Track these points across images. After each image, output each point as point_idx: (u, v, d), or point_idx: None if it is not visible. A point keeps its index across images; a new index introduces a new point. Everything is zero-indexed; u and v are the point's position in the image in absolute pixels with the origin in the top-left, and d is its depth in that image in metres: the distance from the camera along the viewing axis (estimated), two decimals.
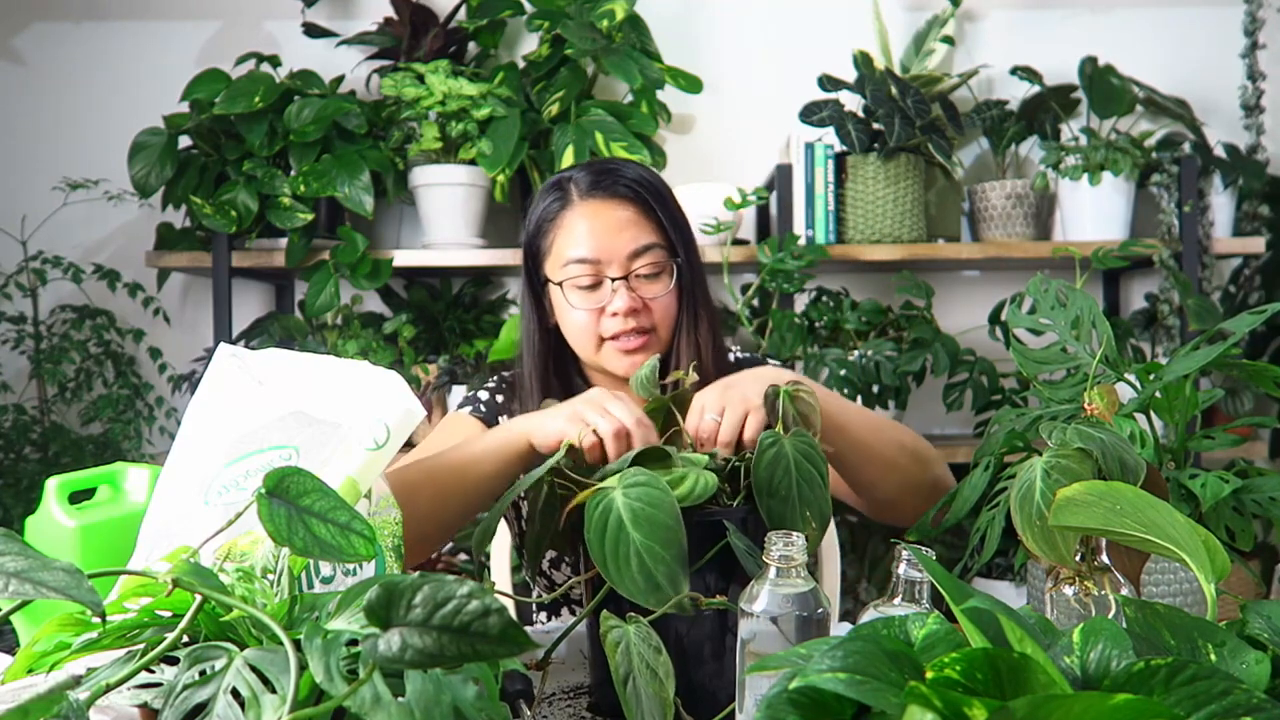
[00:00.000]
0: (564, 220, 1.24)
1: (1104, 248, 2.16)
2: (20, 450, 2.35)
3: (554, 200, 1.26)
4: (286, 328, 2.40)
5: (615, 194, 1.23)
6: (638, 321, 1.22)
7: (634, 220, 1.23)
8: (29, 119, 2.62)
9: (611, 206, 1.23)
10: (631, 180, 1.25)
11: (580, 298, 1.23)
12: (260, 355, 0.88)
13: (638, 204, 1.24)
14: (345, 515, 0.65)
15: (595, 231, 1.22)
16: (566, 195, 1.25)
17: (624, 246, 1.22)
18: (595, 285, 1.23)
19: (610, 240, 1.22)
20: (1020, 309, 1.16)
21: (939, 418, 2.56)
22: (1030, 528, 0.77)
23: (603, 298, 1.23)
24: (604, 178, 1.25)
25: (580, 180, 1.25)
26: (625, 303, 1.21)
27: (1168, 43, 2.63)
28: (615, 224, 1.22)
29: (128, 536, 0.85)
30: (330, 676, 0.52)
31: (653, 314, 1.24)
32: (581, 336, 1.25)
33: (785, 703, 0.49)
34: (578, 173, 1.27)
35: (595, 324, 1.23)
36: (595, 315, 1.23)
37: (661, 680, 0.76)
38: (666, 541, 0.76)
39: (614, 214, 1.23)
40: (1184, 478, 0.95)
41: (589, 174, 1.26)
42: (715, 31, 2.64)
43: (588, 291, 1.23)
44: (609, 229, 1.22)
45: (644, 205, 1.24)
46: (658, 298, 1.24)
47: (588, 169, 1.27)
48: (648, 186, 1.25)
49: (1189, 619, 0.60)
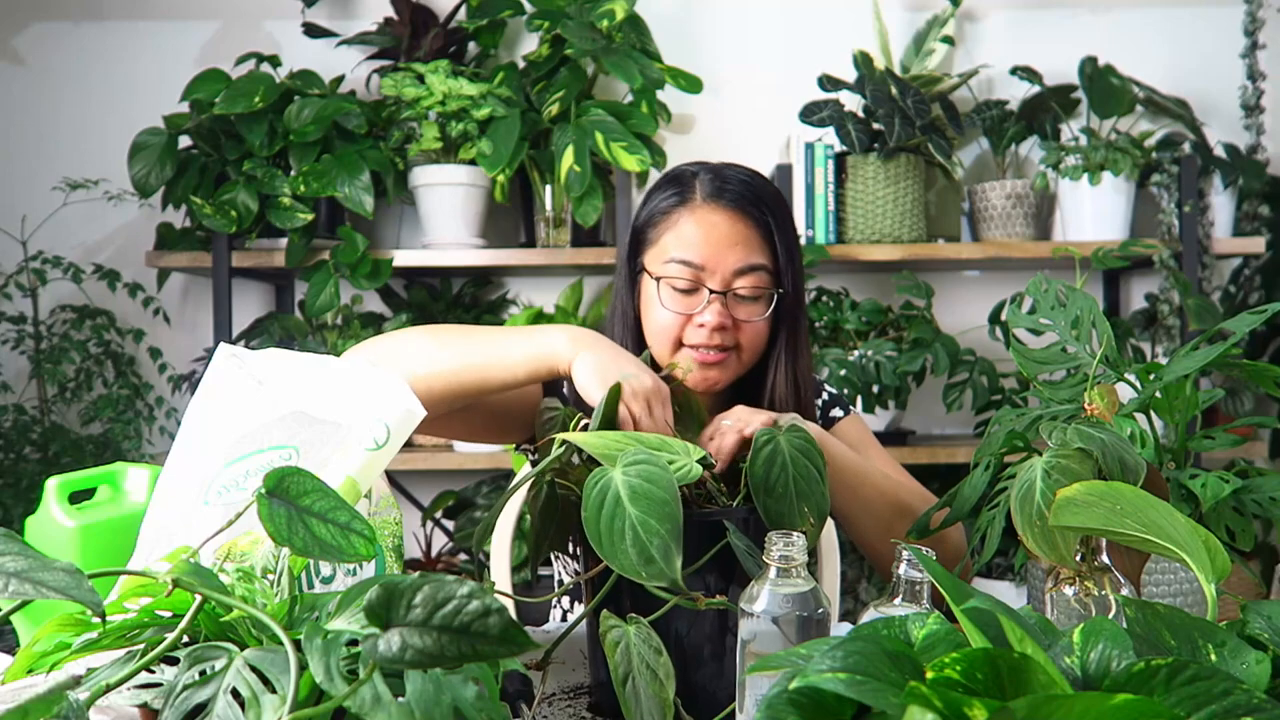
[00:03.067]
0: (677, 217, 1.21)
1: (1104, 248, 2.16)
2: (20, 450, 2.35)
3: (673, 194, 1.22)
4: (286, 328, 2.40)
5: (738, 207, 1.20)
6: (722, 339, 1.19)
7: (748, 238, 1.19)
8: (29, 119, 2.62)
9: (730, 218, 1.19)
10: (755, 197, 1.21)
11: (673, 299, 1.20)
12: (260, 355, 0.88)
13: (757, 223, 1.20)
14: (345, 515, 0.65)
15: (709, 239, 1.18)
16: (688, 192, 1.22)
17: (732, 261, 1.18)
18: (691, 291, 1.19)
19: (719, 252, 1.18)
20: (1020, 309, 1.16)
21: (939, 418, 2.56)
22: (1030, 528, 0.77)
23: (695, 305, 1.19)
24: (730, 186, 1.21)
25: (705, 182, 1.22)
26: (716, 318, 1.18)
27: (1168, 43, 2.63)
28: (729, 237, 1.19)
29: (128, 536, 0.86)
30: (330, 676, 0.52)
31: (739, 334, 1.21)
32: (661, 335, 1.22)
33: (785, 703, 0.49)
34: (703, 172, 1.23)
35: (679, 328, 1.20)
36: (682, 320, 1.20)
37: (661, 681, 0.76)
38: (662, 516, 0.76)
39: (731, 226, 1.19)
40: (1184, 478, 0.95)
41: (715, 178, 1.22)
42: (715, 31, 2.64)
43: (683, 295, 1.20)
44: (723, 240, 1.18)
45: (763, 226, 1.20)
46: (750, 320, 1.20)
47: (714, 171, 1.23)
48: (771, 207, 1.21)
49: (1189, 619, 0.60)
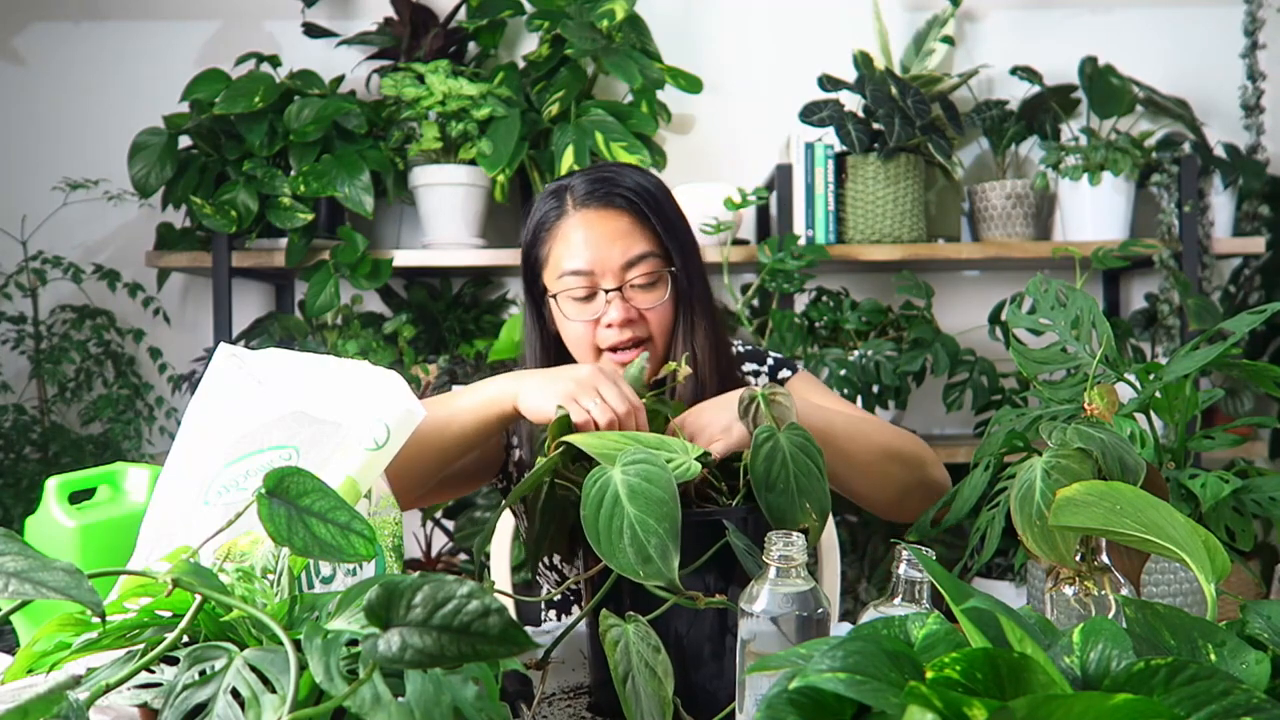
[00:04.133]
0: (560, 230, 1.24)
1: (1104, 248, 2.16)
2: (20, 450, 2.35)
3: (551, 209, 1.25)
4: (286, 328, 2.40)
5: (610, 204, 1.22)
6: (634, 332, 1.22)
7: (628, 230, 1.22)
8: (29, 119, 2.62)
9: (606, 216, 1.22)
10: (627, 189, 1.23)
11: (576, 309, 1.23)
12: (260, 355, 0.88)
13: (632, 213, 1.23)
14: (345, 515, 0.65)
15: (589, 242, 1.21)
16: (563, 204, 1.25)
17: (617, 257, 1.21)
18: (590, 296, 1.22)
19: (604, 251, 1.21)
20: (1020, 309, 1.16)
21: (939, 418, 2.56)
22: (1030, 528, 0.77)
23: (597, 309, 1.22)
24: (599, 186, 1.23)
25: (577, 188, 1.24)
26: (619, 314, 1.20)
27: (1168, 43, 2.62)
28: (609, 234, 1.21)
29: (128, 536, 0.85)
30: (330, 676, 0.52)
31: (649, 323, 1.23)
32: (579, 347, 1.25)
33: (785, 703, 0.49)
34: (575, 180, 1.26)
35: (592, 335, 1.23)
36: (591, 326, 1.23)
37: (661, 679, 0.76)
38: (660, 515, 0.76)
39: (608, 224, 1.22)
40: (1184, 478, 0.95)
41: (585, 183, 1.24)
42: (715, 31, 2.64)
43: (583, 303, 1.23)
44: (602, 240, 1.21)
45: (639, 214, 1.23)
46: (653, 307, 1.23)
47: (585, 177, 1.26)
48: (643, 194, 1.24)
49: (1189, 619, 0.60)
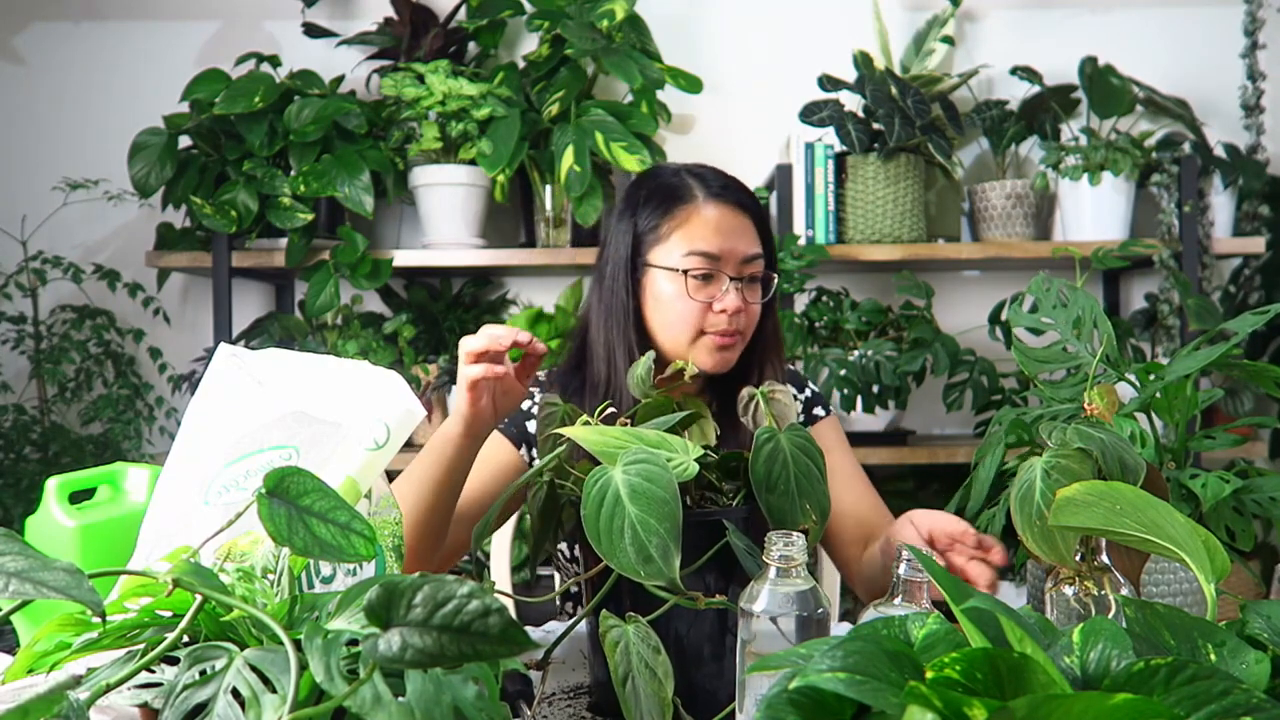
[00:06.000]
0: (689, 212, 1.31)
1: (1104, 248, 2.16)
2: (20, 450, 2.35)
3: (680, 190, 1.33)
4: (286, 328, 2.40)
5: (741, 203, 1.33)
6: (737, 323, 1.30)
7: (748, 229, 1.33)
8: (29, 119, 2.62)
9: (736, 213, 1.32)
10: (750, 197, 1.36)
11: (696, 289, 1.29)
12: (260, 355, 0.88)
13: (753, 219, 1.34)
14: (345, 515, 0.65)
15: (722, 230, 1.30)
16: (692, 190, 1.33)
17: (742, 251, 1.31)
18: (707, 279, 1.29)
19: (732, 242, 1.30)
20: (1021, 308, 1.16)
21: (939, 418, 2.56)
22: (1030, 528, 0.77)
23: (713, 293, 1.29)
24: (732, 184, 1.35)
25: (710, 180, 1.34)
26: (735, 302, 1.29)
27: (1168, 43, 2.62)
28: (738, 228, 1.32)
29: (128, 536, 0.85)
30: (330, 676, 0.52)
31: (747, 318, 1.32)
32: (683, 324, 1.30)
33: (785, 703, 0.49)
34: (706, 171, 1.36)
35: (702, 316, 1.29)
36: (704, 309, 1.29)
37: (661, 680, 0.76)
38: (661, 515, 0.76)
39: (737, 219, 1.32)
40: (1184, 478, 0.96)
41: (717, 177, 1.35)
42: (715, 31, 2.64)
43: (702, 284, 1.29)
44: (732, 232, 1.31)
45: (758, 221, 1.35)
46: (755, 304, 1.33)
47: (713, 171, 1.36)
48: (760, 206, 1.37)
49: (1189, 619, 0.60)
